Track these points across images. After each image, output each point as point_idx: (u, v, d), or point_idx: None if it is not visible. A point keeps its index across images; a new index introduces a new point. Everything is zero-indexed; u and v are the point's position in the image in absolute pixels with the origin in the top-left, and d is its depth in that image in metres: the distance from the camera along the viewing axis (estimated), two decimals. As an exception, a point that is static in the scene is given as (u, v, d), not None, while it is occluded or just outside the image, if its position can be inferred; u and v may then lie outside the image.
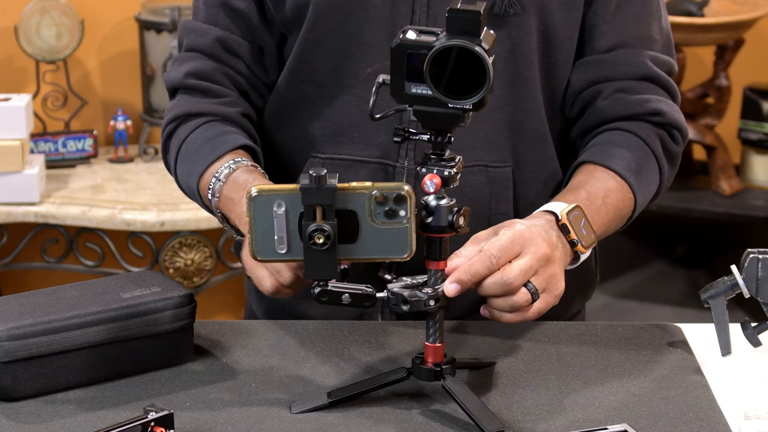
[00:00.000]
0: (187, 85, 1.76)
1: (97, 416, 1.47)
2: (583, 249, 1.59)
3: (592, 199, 1.65)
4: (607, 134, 1.75)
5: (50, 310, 1.53)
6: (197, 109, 1.75)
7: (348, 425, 1.45)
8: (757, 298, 1.60)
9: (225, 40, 1.75)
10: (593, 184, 1.67)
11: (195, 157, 1.71)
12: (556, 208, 1.59)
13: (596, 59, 1.75)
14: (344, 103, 1.73)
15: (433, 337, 1.48)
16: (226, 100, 1.76)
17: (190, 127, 1.74)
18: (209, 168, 1.68)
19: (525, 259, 1.49)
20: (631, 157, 1.71)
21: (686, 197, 3.48)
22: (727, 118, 3.53)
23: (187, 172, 1.72)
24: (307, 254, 1.40)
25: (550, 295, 1.52)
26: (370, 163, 1.72)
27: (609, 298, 3.63)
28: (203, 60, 1.76)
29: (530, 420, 1.47)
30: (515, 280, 1.47)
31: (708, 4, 3.42)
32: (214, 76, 1.76)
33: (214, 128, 1.73)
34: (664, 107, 1.75)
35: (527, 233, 1.50)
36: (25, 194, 3.11)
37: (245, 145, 1.71)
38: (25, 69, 3.46)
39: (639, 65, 1.75)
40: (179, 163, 1.75)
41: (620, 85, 1.74)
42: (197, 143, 1.72)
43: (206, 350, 1.63)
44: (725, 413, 1.49)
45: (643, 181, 1.72)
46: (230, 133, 1.72)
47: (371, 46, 1.69)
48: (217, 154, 1.68)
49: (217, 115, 1.74)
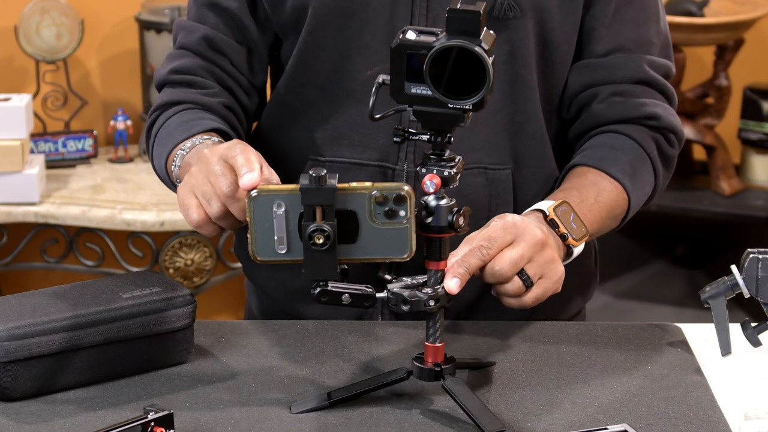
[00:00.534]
0: (172, 81, 1.77)
1: (97, 416, 1.47)
2: (574, 242, 1.59)
3: (584, 198, 1.66)
4: (601, 137, 1.75)
5: (50, 310, 1.53)
6: (178, 98, 1.75)
7: (348, 425, 1.45)
8: (757, 298, 1.60)
9: (212, 39, 1.76)
10: (585, 185, 1.68)
11: (167, 139, 1.70)
12: (543, 206, 1.60)
13: (593, 63, 1.75)
14: (344, 106, 1.73)
15: (433, 337, 1.48)
16: (208, 91, 1.76)
17: (168, 114, 1.74)
18: (178, 145, 1.66)
19: (517, 249, 1.50)
20: (625, 159, 1.72)
21: (686, 197, 3.48)
22: (727, 118, 3.53)
23: (159, 152, 1.71)
24: (306, 254, 1.40)
25: (549, 281, 1.52)
26: (369, 166, 1.73)
27: (609, 298, 3.63)
28: (189, 57, 1.77)
29: (530, 420, 1.47)
30: (505, 270, 1.49)
31: (708, 4, 3.42)
32: (198, 72, 1.76)
33: (191, 114, 1.73)
34: (660, 111, 1.75)
35: (520, 222, 1.52)
36: (25, 194, 3.11)
37: (218, 128, 1.70)
38: (25, 69, 3.46)
39: (636, 69, 1.75)
40: (155, 147, 1.74)
41: (616, 89, 1.75)
42: (171, 126, 1.71)
43: (206, 350, 1.63)
44: (725, 413, 1.49)
45: (637, 183, 1.72)
46: (205, 119, 1.71)
47: (371, 48, 1.69)
48: (188, 134, 1.67)
49: (197, 103, 1.75)
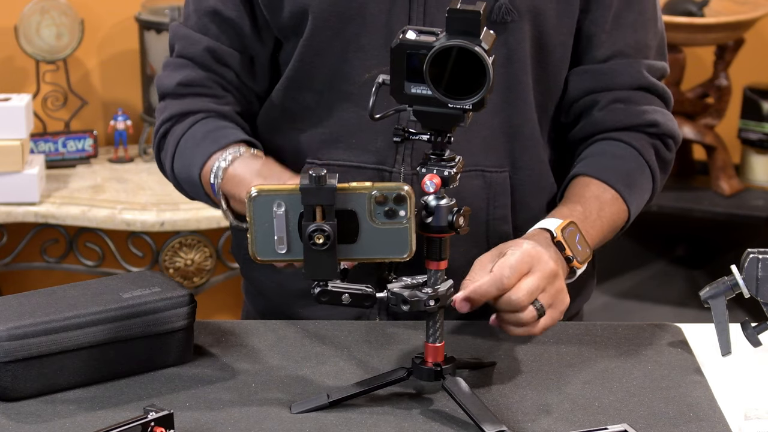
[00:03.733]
0: (179, 93, 1.78)
1: (97, 416, 1.47)
2: (578, 265, 1.62)
3: (587, 213, 1.68)
4: (602, 144, 1.77)
5: (50, 310, 1.53)
6: (193, 108, 1.76)
7: (348, 425, 1.45)
8: (757, 298, 1.60)
9: (215, 51, 1.76)
10: (588, 198, 1.70)
11: (195, 150, 1.72)
12: (551, 225, 1.62)
13: (593, 69, 1.76)
14: (342, 109, 1.73)
15: (433, 337, 1.48)
16: (220, 100, 1.77)
17: (187, 123, 1.75)
18: (212, 156, 1.69)
19: (533, 279, 1.52)
20: (626, 169, 1.74)
21: (686, 197, 3.48)
22: (727, 118, 3.53)
23: (187, 164, 1.73)
24: (307, 254, 1.40)
25: (556, 311, 1.55)
26: (367, 169, 1.73)
27: (609, 298, 3.63)
28: (194, 69, 1.77)
29: (530, 420, 1.47)
30: (523, 300, 1.51)
31: (708, 4, 3.42)
32: (206, 83, 1.77)
33: (213, 122, 1.74)
34: (660, 118, 1.77)
35: (534, 252, 1.53)
36: (25, 194, 3.11)
37: (245, 140, 1.72)
38: (25, 69, 3.46)
39: (635, 76, 1.77)
40: (177, 157, 1.75)
41: (617, 96, 1.76)
42: (197, 137, 1.73)
43: (206, 350, 1.63)
44: (725, 413, 1.49)
45: (636, 193, 1.75)
46: (229, 128, 1.74)
47: (368, 52, 1.69)
48: (218, 145, 1.70)
49: (213, 111, 1.76)
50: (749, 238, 3.43)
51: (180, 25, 1.80)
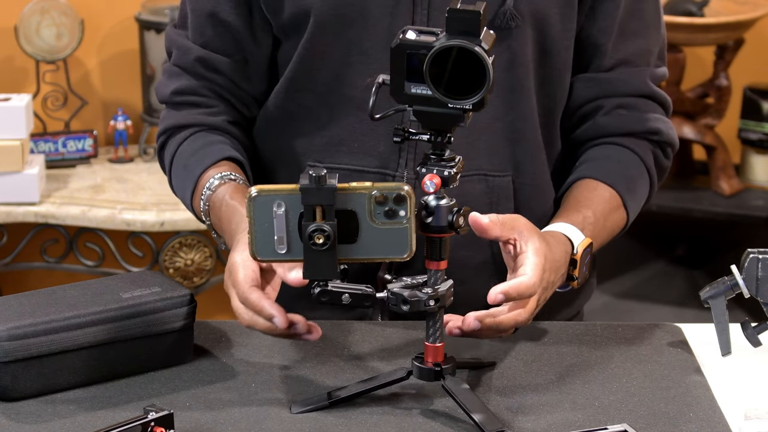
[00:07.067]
0: (174, 101, 1.81)
1: (97, 416, 1.47)
2: (575, 286, 1.64)
3: (596, 222, 1.70)
4: (605, 149, 1.78)
5: (50, 310, 1.53)
6: (184, 121, 1.79)
7: (348, 425, 1.45)
8: (757, 298, 1.60)
9: (206, 59, 1.78)
10: (598, 204, 1.72)
11: (185, 173, 1.76)
12: (575, 238, 1.64)
13: (599, 77, 1.78)
14: (343, 113, 1.73)
15: (433, 337, 1.48)
16: (211, 110, 1.79)
17: (178, 140, 1.79)
18: (199, 179, 1.73)
19: (536, 303, 1.52)
20: (629, 175, 1.76)
21: (686, 197, 3.48)
22: (727, 118, 3.53)
23: (182, 187, 1.78)
24: (307, 254, 1.40)
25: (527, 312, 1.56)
26: (369, 173, 1.73)
27: (609, 298, 3.63)
28: (187, 78, 1.79)
29: (530, 420, 1.47)
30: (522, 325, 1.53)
31: (708, 4, 3.42)
32: (199, 91, 1.79)
33: (201, 139, 1.77)
34: (661, 126, 1.79)
35: (550, 276, 1.55)
36: (25, 194, 3.11)
37: (229, 156, 1.74)
38: (25, 69, 3.46)
39: (639, 84, 1.79)
40: (173, 177, 1.81)
41: (621, 102, 1.78)
42: (185, 155, 1.77)
43: (206, 350, 1.63)
44: (725, 413, 1.49)
45: (636, 200, 1.78)
46: (215, 143, 1.76)
47: (371, 56, 1.69)
48: (203, 167, 1.73)
49: (203, 125, 1.79)
50: (749, 238, 3.43)
51: (174, 31, 1.82)
